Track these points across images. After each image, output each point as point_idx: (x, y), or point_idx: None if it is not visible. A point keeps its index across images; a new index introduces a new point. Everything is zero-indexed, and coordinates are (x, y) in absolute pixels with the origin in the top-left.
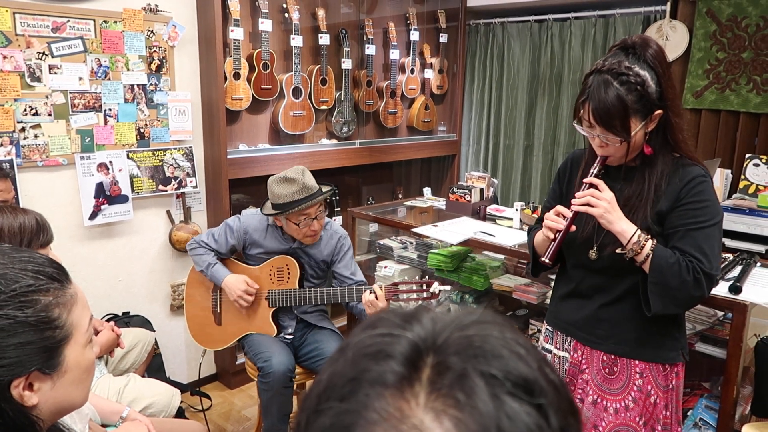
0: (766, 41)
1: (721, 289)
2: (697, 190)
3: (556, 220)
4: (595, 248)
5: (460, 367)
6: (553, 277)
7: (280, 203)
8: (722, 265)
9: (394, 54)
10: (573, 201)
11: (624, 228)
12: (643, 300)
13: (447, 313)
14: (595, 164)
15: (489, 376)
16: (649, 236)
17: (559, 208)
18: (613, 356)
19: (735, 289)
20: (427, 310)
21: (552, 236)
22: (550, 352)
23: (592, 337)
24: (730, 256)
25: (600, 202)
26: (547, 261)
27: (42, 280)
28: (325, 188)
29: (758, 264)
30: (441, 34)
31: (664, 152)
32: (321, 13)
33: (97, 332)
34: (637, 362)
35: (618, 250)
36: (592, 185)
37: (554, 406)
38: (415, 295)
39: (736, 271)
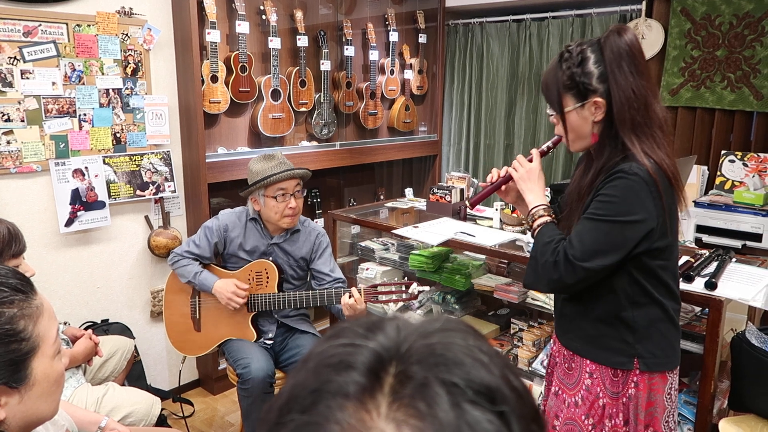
0: (739, 39)
1: (698, 286)
2: (611, 184)
3: (493, 174)
4: None
5: (422, 376)
6: None
7: (259, 178)
8: (698, 262)
9: (374, 55)
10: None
11: (530, 199)
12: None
13: (412, 320)
14: (549, 141)
15: (450, 384)
16: (547, 215)
17: (503, 168)
18: (571, 352)
19: (711, 285)
20: (392, 319)
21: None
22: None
23: (559, 330)
24: (706, 252)
25: (521, 168)
26: (467, 203)
27: (6, 292)
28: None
29: (734, 260)
30: (420, 35)
31: (612, 146)
32: (299, 14)
33: (75, 340)
34: (588, 362)
35: (522, 220)
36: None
37: (517, 413)
38: (394, 296)
39: (712, 267)
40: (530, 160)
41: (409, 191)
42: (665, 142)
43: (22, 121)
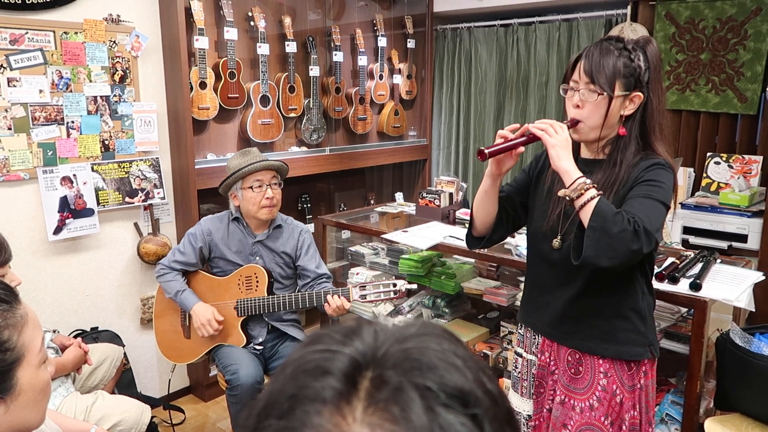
0: (722, 43)
1: (683, 287)
2: (656, 172)
3: (513, 129)
4: (559, 237)
5: (397, 380)
6: (523, 279)
7: (236, 171)
8: (683, 263)
9: (362, 60)
10: (532, 125)
11: (570, 168)
12: (574, 250)
13: (389, 326)
14: (565, 121)
15: (424, 388)
16: (595, 187)
17: (517, 125)
18: (578, 356)
19: (695, 286)
20: (369, 324)
21: (500, 141)
22: (520, 355)
23: (558, 333)
24: (691, 254)
25: (558, 135)
26: (485, 151)
27: None
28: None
29: (718, 261)
30: (409, 40)
31: (635, 143)
32: (287, 20)
33: (64, 349)
34: (601, 361)
35: (560, 192)
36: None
37: (490, 415)
38: (382, 295)
39: (697, 269)
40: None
41: (399, 195)
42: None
43: (9, 129)
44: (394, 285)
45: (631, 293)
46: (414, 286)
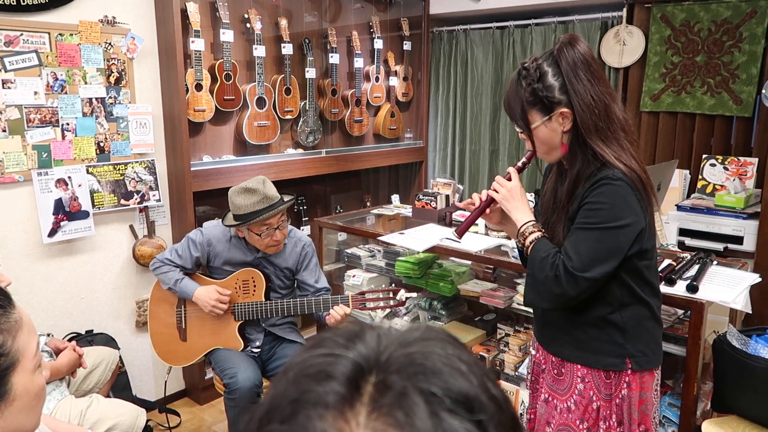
0: (717, 45)
1: (679, 289)
2: (597, 192)
3: (473, 201)
4: None
5: (401, 385)
6: (519, 281)
7: (241, 214)
8: (680, 265)
9: (359, 62)
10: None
11: (518, 217)
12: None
13: (392, 330)
14: (523, 156)
15: (428, 393)
16: (538, 230)
17: (482, 192)
18: (560, 359)
19: (692, 288)
20: (372, 328)
21: (466, 209)
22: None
23: (542, 338)
24: (687, 256)
25: (501, 188)
26: (455, 237)
27: None
28: (286, 198)
29: (714, 263)
30: (405, 42)
31: (584, 153)
32: (283, 22)
33: (58, 352)
34: (579, 366)
35: (514, 242)
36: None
37: (494, 421)
38: (381, 303)
39: (694, 270)
40: (508, 179)
41: (395, 198)
42: (630, 142)
43: (4, 131)
44: (394, 294)
45: (601, 305)
46: (414, 295)
